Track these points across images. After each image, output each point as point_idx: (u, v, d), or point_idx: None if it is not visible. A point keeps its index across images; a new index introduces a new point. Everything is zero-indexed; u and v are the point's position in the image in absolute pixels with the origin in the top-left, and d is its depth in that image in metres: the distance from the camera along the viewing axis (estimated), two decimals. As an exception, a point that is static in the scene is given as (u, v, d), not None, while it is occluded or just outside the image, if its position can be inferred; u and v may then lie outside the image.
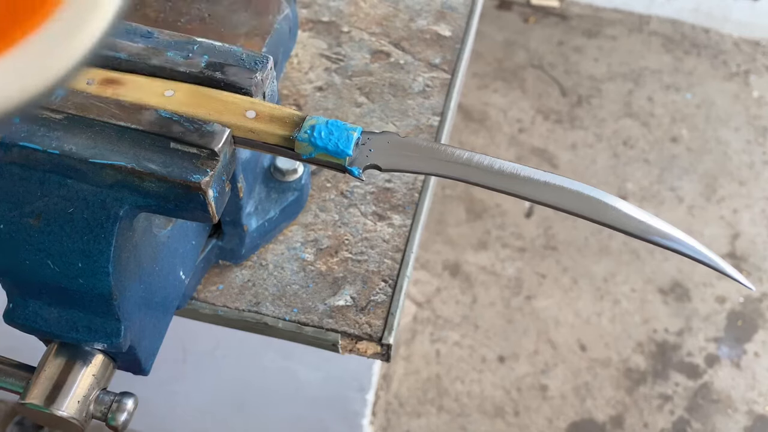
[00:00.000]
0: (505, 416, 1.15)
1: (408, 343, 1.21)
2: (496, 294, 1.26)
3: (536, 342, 1.21)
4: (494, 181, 0.34)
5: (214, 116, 0.35)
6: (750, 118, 1.50)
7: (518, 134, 1.45)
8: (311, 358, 0.68)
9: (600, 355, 1.21)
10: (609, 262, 1.28)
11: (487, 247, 1.30)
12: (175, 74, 0.36)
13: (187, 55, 0.37)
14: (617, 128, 1.46)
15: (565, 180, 0.34)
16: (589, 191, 0.34)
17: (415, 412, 1.15)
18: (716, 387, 1.19)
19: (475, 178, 0.34)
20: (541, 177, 0.34)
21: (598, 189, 0.34)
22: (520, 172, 0.34)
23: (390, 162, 0.36)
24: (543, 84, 1.53)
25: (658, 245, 0.34)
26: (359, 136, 0.36)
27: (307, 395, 0.75)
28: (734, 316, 1.25)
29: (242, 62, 0.37)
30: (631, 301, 1.25)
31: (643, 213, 0.34)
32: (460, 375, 1.18)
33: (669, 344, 1.22)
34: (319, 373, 0.71)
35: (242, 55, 0.37)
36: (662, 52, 1.59)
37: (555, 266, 1.28)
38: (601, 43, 1.60)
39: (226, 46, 0.38)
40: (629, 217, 0.33)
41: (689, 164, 1.41)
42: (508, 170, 0.34)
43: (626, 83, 1.53)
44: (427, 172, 0.35)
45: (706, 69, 1.57)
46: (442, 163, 0.35)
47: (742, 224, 1.34)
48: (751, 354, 1.22)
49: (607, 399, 1.17)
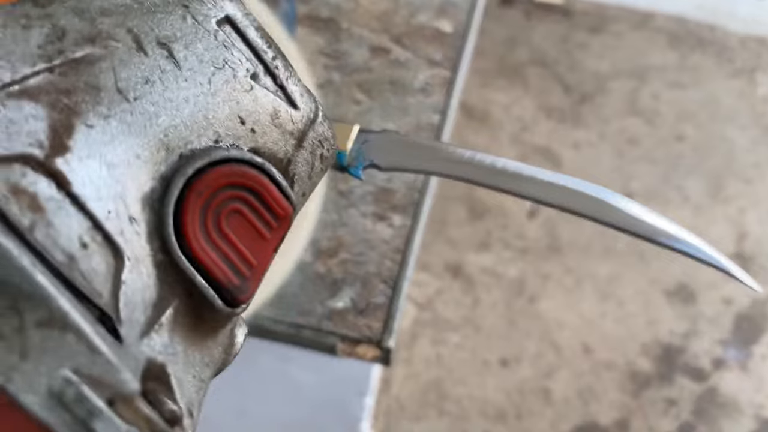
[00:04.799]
0: (507, 420, 1.14)
1: (408, 345, 1.20)
2: (498, 296, 1.25)
3: (539, 344, 1.20)
4: (496, 180, 0.33)
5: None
6: (756, 116, 1.48)
7: (521, 132, 1.44)
8: (309, 362, 0.68)
9: (604, 358, 1.20)
10: (614, 264, 1.27)
11: (489, 248, 1.29)
12: None
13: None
14: (621, 126, 1.45)
15: (569, 179, 0.33)
16: (593, 191, 0.33)
17: (415, 415, 1.14)
18: (722, 390, 1.18)
19: (477, 178, 0.33)
20: (544, 176, 0.33)
21: (603, 188, 0.33)
22: (523, 172, 0.33)
23: (390, 161, 0.35)
24: (546, 81, 1.52)
25: (665, 247, 0.33)
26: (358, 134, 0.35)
27: (305, 399, 0.75)
28: (741, 318, 1.24)
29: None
30: (636, 303, 1.24)
31: (649, 213, 0.33)
32: (461, 378, 1.17)
33: (674, 347, 1.21)
34: (318, 376, 0.71)
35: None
36: (667, 49, 1.58)
37: (558, 267, 1.27)
38: (605, 39, 1.59)
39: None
40: (635, 218, 0.32)
41: (695, 163, 1.40)
42: (511, 169, 0.33)
43: (630, 80, 1.52)
44: (427, 171, 0.34)
45: (711, 66, 1.55)
46: (443, 163, 0.34)
47: (749, 224, 1.33)
48: (758, 356, 1.21)
49: (611, 402, 1.16)
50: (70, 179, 0.18)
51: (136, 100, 0.20)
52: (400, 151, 0.35)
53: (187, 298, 0.20)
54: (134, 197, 0.20)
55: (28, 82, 0.19)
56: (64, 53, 0.20)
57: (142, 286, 0.19)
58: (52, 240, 0.18)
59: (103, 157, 0.19)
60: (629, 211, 0.33)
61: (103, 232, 0.19)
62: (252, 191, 0.21)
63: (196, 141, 0.21)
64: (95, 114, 0.20)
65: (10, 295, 0.16)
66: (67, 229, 0.18)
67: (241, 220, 0.21)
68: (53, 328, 0.16)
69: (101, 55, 0.20)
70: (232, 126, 0.22)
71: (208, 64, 0.21)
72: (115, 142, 0.20)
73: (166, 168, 0.20)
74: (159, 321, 0.19)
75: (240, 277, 0.21)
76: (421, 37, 0.64)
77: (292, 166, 0.23)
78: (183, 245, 0.20)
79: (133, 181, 0.20)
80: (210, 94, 0.21)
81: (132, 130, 0.20)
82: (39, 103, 0.19)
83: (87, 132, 0.19)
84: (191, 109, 0.21)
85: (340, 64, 0.61)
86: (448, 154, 0.34)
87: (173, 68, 0.21)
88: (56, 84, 0.19)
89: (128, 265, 0.19)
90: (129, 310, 0.19)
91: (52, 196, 0.18)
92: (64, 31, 0.20)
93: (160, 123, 0.20)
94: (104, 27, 0.20)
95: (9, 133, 0.18)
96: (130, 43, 0.20)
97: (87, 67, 0.20)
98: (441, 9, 0.66)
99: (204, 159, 0.20)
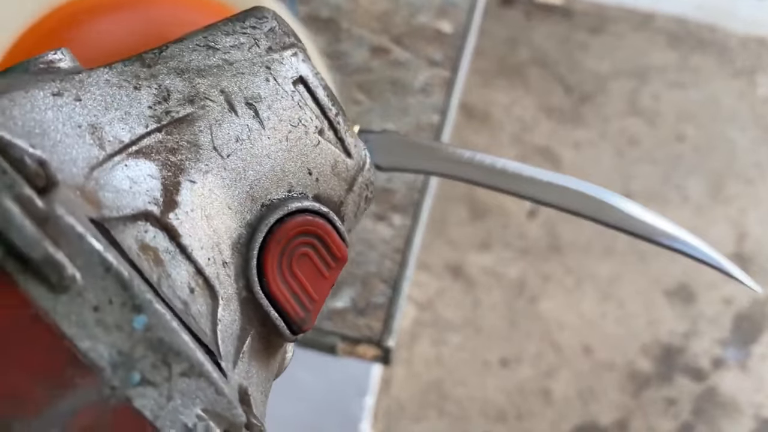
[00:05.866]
0: (507, 420, 1.14)
1: (408, 345, 1.20)
2: (498, 296, 1.25)
3: (539, 345, 1.20)
4: (497, 180, 0.33)
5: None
6: (756, 116, 1.48)
7: (521, 133, 1.44)
8: (309, 362, 0.68)
9: (604, 358, 1.20)
10: (614, 264, 1.27)
11: (489, 248, 1.29)
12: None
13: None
14: (622, 126, 1.45)
15: (569, 179, 0.33)
16: (593, 191, 0.33)
17: (415, 416, 1.14)
18: (722, 390, 1.18)
19: (477, 178, 0.33)
20: (544, 177, 0.33)
21: (603, 189, 0.33)
22: (523, 172, 0.33)
23: (390, 161, 0.35)
24: (546, 82, 1.52)
25: (665, 247, 0.33)
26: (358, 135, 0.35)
27: (305, 399, 0.74)
28: (740, 318, 1.24)
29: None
30: (637, 303, 1.24)
31: (649, 214, 0.33)
32: (461, 378, 1.17)
33: (674, 347, 1.21)
34: (318, 376, 0.71)
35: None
36: (667, 50, 1.58)
37: (559, 267, 1.27)
38: (606, 40, 1.59)
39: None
40: (635, 218, 0.33)
41: (695, 163, 1.40)
42: (511, 170, 0.33)
43: (631, 81, 1.52)
44: (427, 171, 0.34)
45: (711, 67, 1.55)
46: (444, 163, 0.34)
47: (749, 224, 1.33)
48: (758, 356, 1.21)
49: (611, 402, 1.16)
50: (180, 232, 0.21)
51: (229, 157, 0.23)
52: (400, 151, 0.35)
53: (260, 327, 0.23)
54: (226, 244, 0.23)
55: (143, 142, 0.21)
56: (170, 113, 0.22)
57: (231, 321, 0.22)
58: (172, 290, 0.20)
59: (203, 210, 0.22)
60: (629, 211, 0.33)
61: (203, 276, 0.21)
62: (318, 237, 0.24)
63: (274, 192, 0.24)
64: (196, 170, 0.22)
65: (162, 351, 0.19)
66: (180, 277, 0.21)
67: (308, 262, 0.24)
68: (192, 375, 0.19)
69: (199, 114, 0.23)
70: (302, 177, 0.25)
71: (286, 122, 0.24)
72: (212, 195, 0.22)
73: (251, 217, 0.23)
74: (242, 350, 0.22)
75: (305, 310, 0.24)
76: (421, 37, 0.64)
77: (343, 207, 0.26)
78: (262, 284, 0.23)
79: (225, 230, 0.23)
80: (286, 150, 0.24)
81: (225, 184, 0.23)
82: (153, 162, 0.21)
83: (190, 187, 0.22)
84: (272, 164, 0.24)
85: (340, 65, 0.61)
86: (448, 154, 0.34)
87: (259, 127, 0.24)
88: (165, 143, 0.22)
89: (222, 303, 0.22)
90: (225, 345, 0.21)
91: (167, 248, 0.21)
92: (169, 92, 0.23)
93: (247, 177, 0.23)
94: (201, 88, 0.23)
95: (133, 192, 0.20)
96: (223, 103, 0.23)
97: (188, 127, 0.23)
98: (441, 9, 0.66)
99: (283, 210, 0.24)
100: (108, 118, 0.21)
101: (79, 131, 0.20)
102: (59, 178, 0.18)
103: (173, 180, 0.22)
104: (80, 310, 0.18)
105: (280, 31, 0.25)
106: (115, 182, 0.20)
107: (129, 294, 0.18)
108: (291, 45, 0.25)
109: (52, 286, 0.17)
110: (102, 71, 0.22)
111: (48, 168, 0.18)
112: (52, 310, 0.17)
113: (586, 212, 0.33)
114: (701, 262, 0.33)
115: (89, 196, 0.19)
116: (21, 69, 0.21)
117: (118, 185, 0.20)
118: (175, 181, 0.22)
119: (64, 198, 0.18)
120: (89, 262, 0.18)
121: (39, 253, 0.17)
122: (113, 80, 0.22)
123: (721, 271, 0.33)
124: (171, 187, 0.21)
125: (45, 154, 0.19)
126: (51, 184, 0.18)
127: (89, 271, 0.18)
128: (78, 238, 0.18)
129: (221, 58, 0.24)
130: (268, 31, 0.25)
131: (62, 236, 0.17)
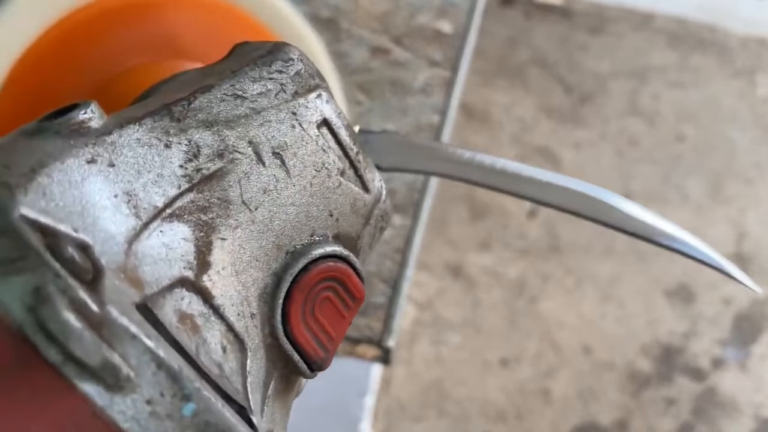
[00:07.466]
0: (507, 420, 1.14)
1: (408, 345, 1.20)
2: (498, 296, 1.25)
3: (539, 345, 1.20)
4: (497, 180, 0.33)
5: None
6: (756, 116, 1.48)
7: (521, 133, 1.44)
8: (309, 362, 0.68)
9: (604, 358, 1.20)
10: (614, 264, 1.27)
11: (489, 248, 1.29)
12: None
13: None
14: (622, 126, 1.45)
15: (568, 180, 0.33)
16: (593, 191, 0.33)
17: (415, 416, 1.14)
18: (722, 390, 1.18)
19: (477, 178, 0.33)
20: (544, 177, 0.33)
21: (602, 189, 0.33)
22: (523, 172, 0.33)
23: (390, 161, 0.35)
24: (546, 82, 1.52)
25: (664, 247, 0.33)
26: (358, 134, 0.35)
27: (304, 400, 0.74)
28: (740, 318, 1.24)
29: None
30: (636, 303, 1.24)
31: (648, 214, 0.33)
32: (461, 378, 1.17)
33: (674, 347, 1.21)
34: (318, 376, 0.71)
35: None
36: (667, 50, 1.58)
37: (559, 267, 1.27)
38: (605, 40, 1.59)
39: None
40: (634, 219, 0.33)
41: (695, 163, 1.40)
42: (511, 170, 0.33)
43: (631, 81, 1.52)
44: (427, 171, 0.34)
45: (711, 67, 1.55)
46: (444, 163, 0.34)
47: (749, 224, 1.33)
48: (758, 356, 1.21)
49: (611, 402, 1.16)
50: (213, 293, 0.21)
51: (257, 209, 0.23)
52: (400, 151, 0.35)
53: (282, 369, 0.24)
54: (254, 296, 0.23)
55: (176, 204, 0.22)
56: (201, 171, 0.22)
57: (258, 370, 0.23)
58: (209, 356, 0.21)
59: (233, 267, 0.22)
60: (629, 211, 0.33)
61: (234, 332, 0.22)
62: (338, 281, 0.25)
63: (297, 238, 0.24)
64: (226, 227, 0.22)
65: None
66: (214, 339, 0.21)
67: (329, 305, 0.25)
68: None
69: (229, 169, 0.23)
70: (324, 219, 0.25)
71: (310, 168, 0.24)
72: (241, 250, 0.23)
73: (276, 265, 0.24)
74: (267, 395, 0.23)
75: (324, 350, 0.25)
76: (421, 37, 0.64)
77: (359, 241, 0.26)
78: (286, 330, 0.24)
79: (253, 282, 0.23)
80: (309, 195, 0.24)
81: (252, 236, 0.23)
82: (186, 224, 0.22)
83: (221, 245, 0.22)
84: (296, 211, 0.24)
85: (340, 65, 0.61)
86: (448, 155, 0.34)
87: (285, 176, 0.24)
88: (196, 202, 0.22)
89: (250, 355, 0.22)
90: (254, 396, 0.22)
91: (201, 311, 0.21)
92: (199, 148, 0.22)
93: (274, 227, 0.24)
94: (230, 141, 0.23)
95: (169, 260, 0.21)
96: (251, 155, 0.23)
97: (218, 182, 0.22)
98: (441, 9, 0.66)
99: (307, 257, 0.24)
100: (141, 183, 0.21)
101: (115, 201, 0.20)
102: (103, 262, 0.19)
103: (205, 240, 0.22)
104: (135, 405, 0.18)
105: (305, 74, 0.25)
106: (152, 252, 0.21)
107: (179, 386, 0.19)
108: (316, 87, 0.25)
109: (109, 386, 0.18)
110: (132, 129, 0.22)
111: (92, 253, 0.19)
112: (109, 408, 0.18)
113: (585, 212, 0.33)
114: (701, 263, 0.33)
115: (131, 274, 0.20)
116: (52, 131, 0.21)
117: (155, 255, 0.21)
118: (207, 241, 0.22)
119: (112, 289, 0.18)
120: (142, 360, 0.18)
121: (97, 360, 0.18)
122: (144, 138, 0.22)
123: (720, 272, 0.33)
124: (203, 248, 0.22)
125: (87, 235, 0.19)
126: (98, 273, 0.18)
127: (142, 368, 0.18)
128: (131, 338, 0.18)
129: (249, 107, 0.24)
130: (294, 75, 0.25)
131: (116, 337, 0.18)
